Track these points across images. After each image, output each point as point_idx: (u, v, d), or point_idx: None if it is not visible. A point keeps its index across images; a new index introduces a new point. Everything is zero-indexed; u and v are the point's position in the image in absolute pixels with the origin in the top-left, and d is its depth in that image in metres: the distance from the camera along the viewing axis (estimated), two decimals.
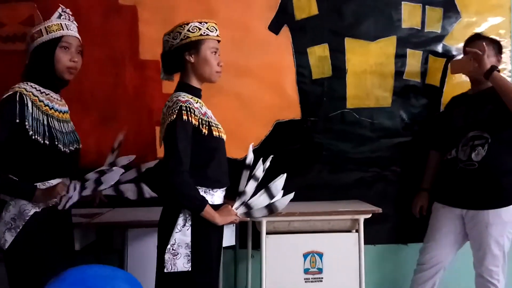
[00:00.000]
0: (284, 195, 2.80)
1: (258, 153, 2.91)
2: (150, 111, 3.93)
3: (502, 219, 3.58)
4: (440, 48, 4.27)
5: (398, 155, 4.24)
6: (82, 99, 3.79)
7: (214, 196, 2.68)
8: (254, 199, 2.77)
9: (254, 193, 2.78)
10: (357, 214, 3.69)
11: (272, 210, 2.77)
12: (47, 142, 2.55)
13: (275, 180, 2.79)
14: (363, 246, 3.69)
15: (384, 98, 4.22)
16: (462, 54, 4.15)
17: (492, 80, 3.51)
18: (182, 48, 2.68)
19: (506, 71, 4.30)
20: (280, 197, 2.80)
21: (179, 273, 2.55)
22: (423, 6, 4.25)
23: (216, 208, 2.64)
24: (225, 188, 2.78)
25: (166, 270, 2.54)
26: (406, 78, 4.24)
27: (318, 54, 4.16)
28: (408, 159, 4.24)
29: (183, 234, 2.56)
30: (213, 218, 2.59)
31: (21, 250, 2.49)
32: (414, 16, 4.25)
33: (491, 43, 3.73)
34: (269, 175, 2.82)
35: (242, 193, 2.77)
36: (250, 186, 2.77)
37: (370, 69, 4.21)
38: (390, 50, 4.23)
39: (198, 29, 2.66)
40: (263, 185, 2.79)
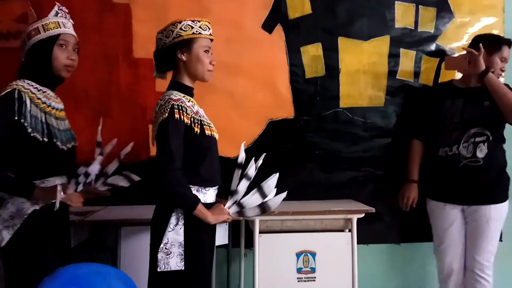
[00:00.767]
0: (276, 194, 2.80)
1: (251, 152, 2.91)
2: (143, 109, 3.93)
3: (501, 214, 3.68)
4: (433, 48, 4.28)
5: (391, 155, 4.25)
6: (76, 97, 3.78)
7: (207, 194, 2.68)
8: (247, 198, 2.76)
9: (247, 192, 2.78)
10: (350, 213, 3.69)
11: (264, 209, 2.77)
12: (46, 139, 2.54)
13: (268, 179, 2.78)
14: (356, 245, 3.70)
15: (377, 98, 4.23)
16: (455, 53, 4.18)
17: (486, 81, 3.54)
18: (174, 46, 2.67)
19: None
20: (272, 196, 2.80)
21: (172, 272, 2.55)
22: (417, 6, 4.25)
23: (208, 207, 2.64)
24: (217, 186, 2.78)
25: (159, 269, 2.54)
26: (399, 77, 4.25)
27: (312, 53, 4.16)
28: (400, 159, 4.24)
29: (176, 233, 2.56)
30: (205, 217, 2.59)
31: (18, 248, 2.48)
32: (408, 15, 4.25)
33: (494, 43, 3.77)
34: (262, 174, 2.81)
35: (234, 192, 2.76)
36: (242, 185, 2.77)
37: (363, 68, 4.21)
38: (384, 49, 4.23)
39: (191, 27, 2.66)
40: (256, 184, 2.79)
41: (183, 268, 2.56)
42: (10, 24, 3.79)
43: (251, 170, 2.80)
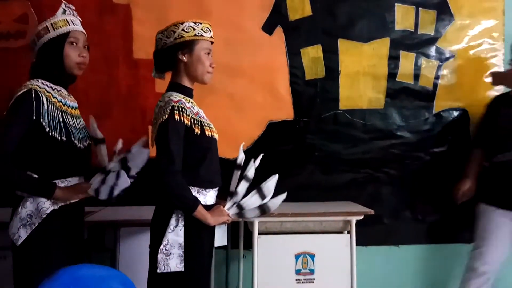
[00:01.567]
0: (276, 196, 2.79)
1: (251, 153, 2.91)
2: (143, 110, 3.93)
3: None
4: (433, 50, 4.28)
5: (390, 157, 4.25)
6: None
7: (207, 196, 2.68)
8: (246, 200, 2.76)
9: (246, 193, 2.78)
10: (349, 215, 3.70)
11: (264, 211, 2.77)
12: (64, 138, 2.52)
13: (267, 180, 2.78)
14: (355, 247, 3.70)
15: (377, 100, 4.23)
16: (454, 56, 4.19)
17: None
18: (175, 47, 2.67)
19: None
20: (271, 197, 2.80)
21: (172, 273, 2.55)
22: (417, 8, 4.26)
23: (208, 208, 2.64)
24: (217, 188, 2.77)
25: (159, 271, 2.54)
26: (399, 80, 4.25)
27: (312, 55, 4.17)
28: (400, 161, 4.25)
29: (176, 234, 2.56)
30: (205, 218, 2.59)
31: (33, 247, 2.46)
32: (408, 18, 4.26)
33: None
34: (261, 176, 2.81)
35: (234, 193, 2.76)
36: (242, 186, 2.77)
37: (363, 70, 4.22)
38: (383, 51, 4.24)
39: (193, 29, 2.66)
40: (255, 185, 2.78)
41: (183, 269, 2.56)
42: (10, 24, 3.79)
43: (251, 172, 2.80)
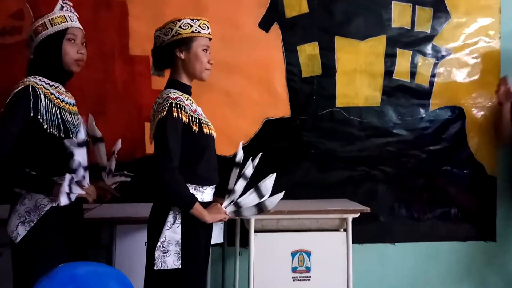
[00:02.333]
0: (272, 194, 2.78)
1: (247, 150, 2.90)
2: (139, 107, 3.92)
3: None
4: (429, 48, 4.29)
5: (386, 155, 4.26)
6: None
7: (204, 193, 2.68)
8: (244, 198, 2.75)
9: (244, 192, 2.77)
10: (345, 213, 3.69)
11: (261, 209, 2.76)
12: (62, 135, 2.50)
13: (265, 179, 2.77)
14: (351, 245, 3.69)
15: (373, 97, 4.24)
16: (451, 54, 4.20)
17: None
18: (173, 44, 2.67)
19: (495, 72, 4.33)
20: (269, 196, 2.79)
21: (169, 270, 2.54)
22: (413, 6, 4.26)
23: (206, 206, 2.63)
24: (215, 185, 2.77)
25: (156, 268, 2.54)
26: (396, 77, 4.25)
27: (308, 52, 4.16)
28: (396, 159, 4.25)
29: (173, 231, 2.56)
30: (202, 216, 2.58)
31: (32, 245, 2.45)
32: (404, 16, 4.26)
33: None
34: (258, 173, 2.80)
35: (232, 191, 2.75)
36: (240, 185, 2.76)
37: (359, 68, 4.22)
38: (380, 49, 4.24)
39: (190, 26, 2.65)
40: (252, 184, 2.78)
41: (180, 266, 2.56)
42: (6, 20, 3.76)
43: (249, 170, 2.79)
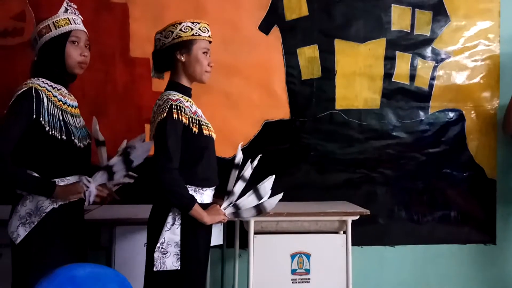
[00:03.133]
0: (271, 196, 2.79)
1: (247, 152, 2.91)
2: (139, 109, 3.93)
3: None
4: (429, 51, 4.30)
5: (386, 157, 4.26)
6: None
7: (204, 195, 2.68)
8: (243, 200, 2.76)
9: (243, 193, 2.78)
10: (345, 215, 3.69)
11: (260, 211, 2.77)
12: (64, 137, 2.51)
13: (264, 181, 2.78)
14: (351, 247, 3.69)
15: (372, 100, 4.24)
16: (451, 57, 4.22)
17: None
18: (173, 47, 2.68)
19: (494, 75, 4.34)
20: (268, 197, 2.80)
21: (168, 271, 2.55)
22: (413, 9, 4.27)
23: (205, 207, 2.64)
24: (214, 187, 2.78)
25: (155, 269, 2.54)
26: (395, 80, 4.26)
27: (308, 55, 4.17)
28: (395, 161, 4.26)
29: (173, 232, 2.57)
30: (201, 217, 2.59)
31: (32, 246, 2.45)
32: (404, 18, 4.27)
33: None
34: (257, 175, 2.81)
35: (231, 193, 2.76)
36: (239, 186, 2.77)
37: (359, 70, 4.23)
38: (380, 52, 4.25)
39: (190, 29, 2.67)
40: (252, 185, 2.78)
41: (179, 267, 2.56)
42: (8, 21, 3.78)
43: (248, 172, 2.80)
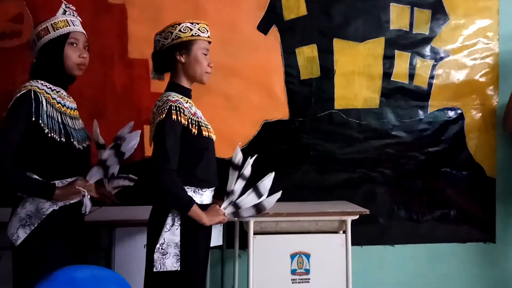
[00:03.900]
0: (270, 195, 2.79)
1: (246, 153, 2.90)
2: (138, 110, 3.92)
3: None
4: (428, 50, 4.30)
5: (385, 157, 4.26)
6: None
7: (203, 196, 2.68)
8: (243, 199, 2.76)
9: (243, 192, 2.78)
10: (344, 215, 3.69)
11: (260, 210, 2.76)
12: (63, 139, 2.50)
13: (263, 179, 2.78)
14: (350, 247, 3.69)
15: (372, 99, 4.24)
16: (450, 56, 4.22)
17: None
18: (173, 48, 2.68)
19: (493, 74, 4.34)
20: (267, 196, 2.80)
21: (168, 272, 2.55)
22: (412, 7, 4.28)
23: (204, 208, 2.64)
24: (214, 188, 2.78)
25: (155, 270, 2.54)
26: (394, 79, 4.26)
27: (307, 55, 4.17)
28: (395, 161, 4.26)
29: (172, 233, 2.56)
30: (200, 218, 2.58)
31: (32, 248, 2.44)
32: (403, 17, 4.27)
33: None
34: (257, 176, 2.80)
35: (230, 192, 2.76)
36: (238, 185, 2.77)
37: (358, 70, 4.23)
38: (378, 51, 4.25)
39: (190, 29, 2.66)
40: (251, 184, 2.78)
41: (179, 268, 2.56)
42: (5, 24, 3.77)
43: (247, 170, 2.79)
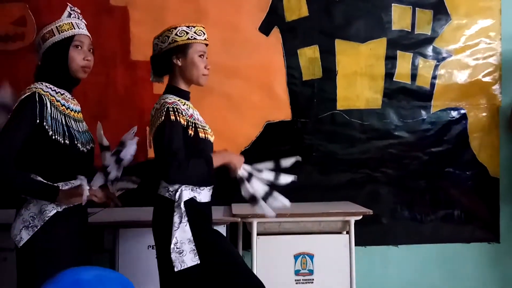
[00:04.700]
0: (276, 196, 2.79)
1: (249, 154, 2.92)
2: (140, 111, 3.93)
3: None
4: (430, 50, 4.30)
5: (388, 157, 4.26)
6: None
7: (201, 194, 2.69)
8: (261, 165, 2.82)
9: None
10: (348, 215, 3.69)
11: (267, 196, 2.77)
12: (67, 142, 2.50)
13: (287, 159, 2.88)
14: (354, 247, 3.70)
15: (374, 100, 4.24)
16: (452, 56, 4.22)
17: None
18: (170, 51, 2.71)
19: (496, 74, 4.34)
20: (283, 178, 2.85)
21: (190, 268, 2.54)
22: (413, 8, 4.27)
23: (203, 206, 2.68)
24: (211, 186, 2.78)
25: (176, 269, 2.52)
26: (396, 80, 4.26)
27: (309, 56, 4.18)
28: (398, 161, 4.26)
29: (183, 231, 2.56)
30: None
31: (36, 249, 2.44)
32: (404, 18, 4.27)
33: None
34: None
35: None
36: (257, 185, 2.76)
37: (360, 70, 4.23)
38: (380, 52, 4.25)
39: (186, 33, 2.69)
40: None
41: (199, 261, 2.56)
42: (8, 27, 3.81)
43: (266, 174, 2.82)
